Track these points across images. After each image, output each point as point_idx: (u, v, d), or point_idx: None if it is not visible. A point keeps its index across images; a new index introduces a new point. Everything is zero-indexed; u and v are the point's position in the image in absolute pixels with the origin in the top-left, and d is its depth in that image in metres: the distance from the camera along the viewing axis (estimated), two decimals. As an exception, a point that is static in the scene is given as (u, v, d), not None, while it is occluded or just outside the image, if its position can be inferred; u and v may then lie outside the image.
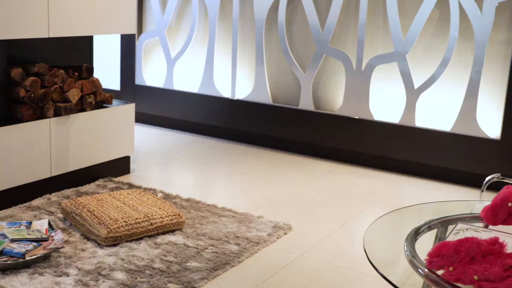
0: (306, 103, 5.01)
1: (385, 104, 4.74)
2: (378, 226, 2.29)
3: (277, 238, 3.33)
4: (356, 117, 4.78)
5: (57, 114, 3.77)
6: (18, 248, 2.86)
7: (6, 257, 2.81)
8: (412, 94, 4.56)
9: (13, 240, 2.93)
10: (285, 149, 5.18)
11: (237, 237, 3.27)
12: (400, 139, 4.61)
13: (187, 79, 5.64)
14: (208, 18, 5.43)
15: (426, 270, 1.82)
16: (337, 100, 4.95)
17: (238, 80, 5.37)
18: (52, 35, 3.67)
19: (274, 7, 5.07)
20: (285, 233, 3.41)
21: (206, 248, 3.11)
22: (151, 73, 5.85)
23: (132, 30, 4.26)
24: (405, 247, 2.03)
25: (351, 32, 4.80)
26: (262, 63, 5.18)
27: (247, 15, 5.24)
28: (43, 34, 3.62)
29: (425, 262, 1.84)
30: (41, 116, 3.70)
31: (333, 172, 4.66)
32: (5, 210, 3.51)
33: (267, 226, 3.45)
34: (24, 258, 2.80)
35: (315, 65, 4.92)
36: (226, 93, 5.43)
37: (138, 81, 5.83)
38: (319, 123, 4.94)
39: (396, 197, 4.15)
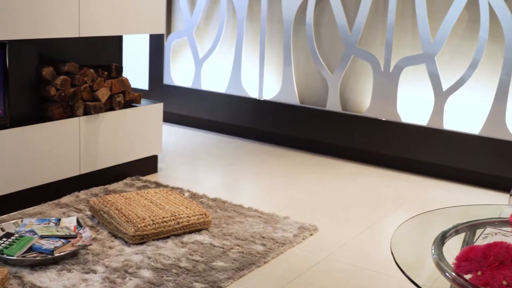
0: (333, 104, 5.00)
1: (413, 106, 4.71)
2: (405, 229, 2.28)
3: (303, 239, 3.33)
4: (383, 119, 4.77)
5: (86, 113, 3.81)
6: (47, 244, 2.90)
7: (35, 253, 2.86)
8: (441, 96, 4.53)
9: (42, 237, 2.98)
10: (312, 150, 5.18)
11: (263, 237, 3.27)
12: (427, 141, 4.59)
13: (215, 79, 5.67)
14: (236, 18, 5.44)
15: (453, 274, 1.81)
16: (364, 102, 4.93)
17: (265, 80, 5.38)
18: (82, 35, 3.71)
19: (302, 8, 5.07)
20: (311, 234, 3.41)
21: (232, 248, 3.12)
22: (179, 73, 5.89)
23: (161, 30, 4.29)
24: (433, 251, 2.02)
25: (379, 34, 4.78)
26: (290, 64, 5.18)
27: (275, 16, 5.25)
28: (74, 34, 3.67)
29: (452, 266, 1.83)
30: (71, 114, 3.75)
31: (360, 174, 4.64)
32: (34, 207, 3.56)
33: (293, 227, 3.46)
34: (52, 254, 2.84)
35: (343, 66, 4.91)
36: (253, 93, 5.44)
37: (166, 81, 5.87)
38: (346, 124, 4.93)
39: (423, 200, 4.13)
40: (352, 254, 3.21)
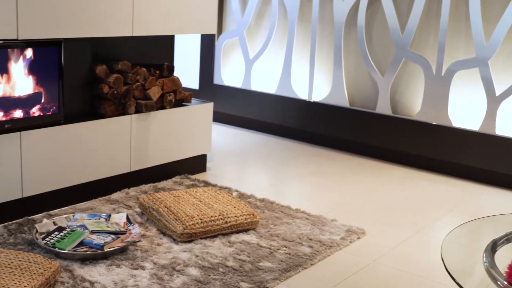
0: (383, 107, 4.96)
1: (464, 110, 4.64)
2: (455, 235, 2.26)
3: (350, 242, 3.32)
4: (434, 123, 4.71)
5: (138, 111, 3.87)
6: (97, 239, 2.95)
7: (86, 247, 2.91)
8: (493, 101, 4.45)
9: (92, 232, 3.03)
10: (361, 153, 5.14)
11: (310, 239, 3.27)
12: (479, 147, 4.51)
13: (265, 80, 5.68)
14: (287, 19, 5.45)
15: (505, 282, 1.78)
16: (415, 105, 4.88)
17: (315, 82, 5.37)
18: (136, 34, 3.77)
19: (354, 10, 5.04)
20: (359, 238, 3.39)
21: (279, 249, 3.13)
22: (230, 73, 5.92)
23: (213, 30, 4.32)
24: (484, 258, 1.99)
25: (431, 36, 4.72)
26: (340, 66, 5.16)
27: (326, 18, 5.23)
28: (127, 33, 3.72)
29: (504, 274, 1.80)
30: (123, 112, 3.80)
31: (408, 178, 4.60)
32: (86, 202, 3.63)
33: (340, 229, 3.44)
34: (102, 249, 2.89)
35: (394, 69, 4.87)
36: (303, 95, 5.44)
37: (216, 81, 5.91)
38: (396, 128, 4.89)
39: (473, 206, 4.06)
40: (399, 259, 3.18)
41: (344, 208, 3.86)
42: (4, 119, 3.23)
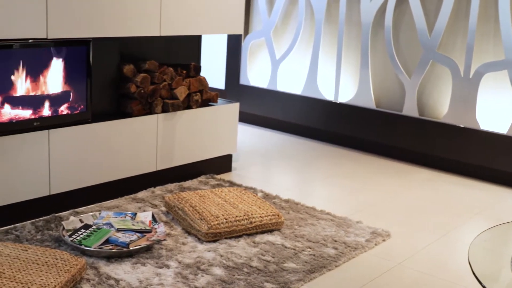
0: (410, 109, 4.93)
1: (492, 113, 4.59)
2: (482, 239, 2.24)
3: (375, 244, 3.30)
4: (461, 126, 4.66)
5: (164, 110, 3.89)
6: (123, 237, 2.97)
7: (112, 245, 2.93)
8: (523, 104, 4.40)
9: (118, 230, 3.05)
10: (386, 154, 5.12)
11: (335, 241, 3.26)
12: (507, 150, 4.46)
13: (291, 81, 5.67)
14: (314, 20, 5.44)
15: (532, 288, 1.77)
16: (442, 107, 4.84)
17: (341, 83, 5.35)
18: (163, 34, 3.79)
19: (381, 11, 5.02)
20: (384, 240, 3.37)
21: (303, 250, 3.12)
22: (256, 73, 5.92)
23: (239, 30, 4.33)
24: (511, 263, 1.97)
25: (459, 38, 4.68)
26: (367, 67, 5.13)
27: (353, 18, 5.21)
28: (155, 33, 3.75)
29: (532, 279, 1.78)
30: (150, 111, 3.83)
31: (434, 180, 4.56)
32: (112, 200, 3.66)
33: (365, 231, 3.43)
34: (128, 247, 2.91)
35: (421, 71, 4.84)
36: (329, 96, 5.42)
37: (242, 81, 5.92)
38: (422, 130, 4.85)
39: (499, 210, 4.02)
40: (425, 262, 3.16)
41: (369, 210, 3.84)
42: (33, 117, 3.26)
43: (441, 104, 4.85)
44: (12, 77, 3.17)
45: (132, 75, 3.75)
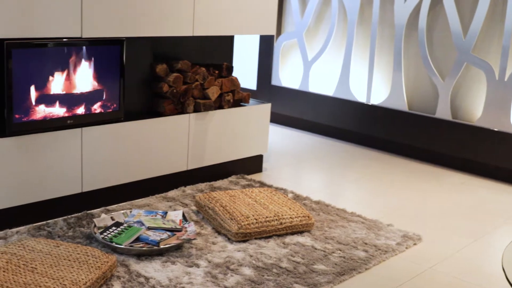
0: (443, 112, 4.88)
1: (528, 117, 4.53)
2: (516, 244, 2.20)
3: (406, 248, 3.27)
4: (495, 129, 4.60)
5: (196, 110, 3.90)
6: (153, 236, 2.99)
7: (142, 243, 2.95)
8: (559, 108, 4.33)
9: (149, 228, 3.07)
10: (418, 157, 5.07)
11: (366, 243, 3.24)
12: (542, 155, 4.39)
13: (323, 82, 5.66)
14: (347, 21, 5.41)
15: None
16: (476, 111, 4.78)
17: (374, 85, 5.32)
18: (196, 34, 3.80)
19: (415, 13, 4.97)
20: (415, 244, 3.34)
21: (333, 252, 3.11)
22: (288, 74, 5.92)
23: (272, 31, 4.33)
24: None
25: (495, 40, 4.61)
26: (400, 69, 5.09)
27: (386, 20, 5.18)
28: (188, 33, 3.76)
29: None
30: (181, 111, 3.84)
31: (467, 184, 4.51)
32: (143, 198, 3.68)
33: (396, 235, 3.40)
34: (158, 246, 2.93)
35: (455, 73, 4.78)
36: (361, 97, 5.39)
37: (274, 82, 5.92)
38: (455, 133, 4.80)
39: (534, 215, 3.96)
40: (457, 266, 3.12)
41: (400, 213, 3.81)
42: (66, 115, 3.30)
43: (475, 107, 4.79)
44: (47, 76, 3.20)
45: (164, 75, 3.77)
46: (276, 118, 5.90)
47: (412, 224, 3.62)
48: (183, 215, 3.28)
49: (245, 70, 5.88)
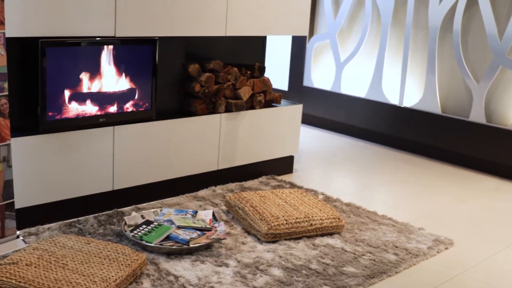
0: (477, 115, 4.81)
1: None
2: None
3: (438, 252, 3.23)
4: (531, 134, 4.53)
5: (228, 110, 3.90)
6: (183, 235, 2.99)
7: (172, 242, 2.96)
8: None
9: (179, 227, 3.08)
10: (451, 161, 5.01)
11: (396, 247, 3.21)
12: None
13: (355, 84, 5.62)
14: (380, 23, 5.37)
15: None
16: (511, 114, 4.71)
17: (407, 87, 5.27)
18: (228, 34, 3.81)
19: (450, 15, 4.91)
20: (446, 248, 3.30)
21: (363, 255, 3.08)
22: (319, 75, 5.89)
23: (304, 32, 4.31)
24: None
25: (532, 44, 4.54)
26: (433, 72, 5.04)
27: (420, 22, 5.12)
28: (221, 33, 3.76)
29: None
30: (213, 111, 3.85)
31: (501, 189, 4.44)
32: (173, 197, 3.69)
33: (427, 238, 3.36)
34: (188, 245, 2.93)
35: (490, 76, 4.71)
36: (393, 99, 5.35)
37: (306, 83, 5.90)
38: (489, 137, 4.73)
39: None
40: (489, 272, 3.07)
41: (432, 217, 3.77)
42: (99, 113, 3.32)
43: (510, 111, 4.71)
44: (80, 74, 3.23)
45: (197, 75, 3.78)
46: (308, 119, 5.88)
47: (444, 228, 3.58)
48: (213, 215, 3.28)
49: (277, 70, 5.87)
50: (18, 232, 2.96)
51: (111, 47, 3.32)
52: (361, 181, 4.50)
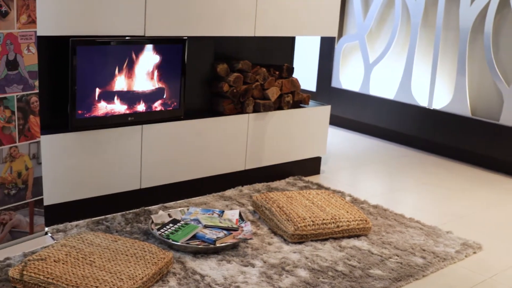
0: (508, 119, 4.75)
1: None
2: None
3: (466, 256, 3.19)
4: (563, 138, 4.46)
5: (255, 110, 3.90)
6: (210, 234, 3.00)
7: (198, 241, 2.96)
8: None
9: (206, 226, 3.08)
10: (481, 164, 4.95)
11: (423, 250, 3.18)
12: None
13: (384, 85, 5.59)
14: (410, 24, 5.33)
15: None
16: (542, 118, 4.65)
17: (436, 89, 5.22)
18: (257, 34, 3.80)
19: (481, 16, 4.86)
20: (474, 252, 3.26)
21: (390, 257, 3.06)
22: (348, 76, 5.87)
23: (334, 33, 4.30)
24: None
25: None
26: (464, 74, 4.98)
27: (451, 24, 5.07)
28: (250, 33, 3.77)
29: None
30: (241, 111, 3.85)
31: (532, 193, 4.39)
32: (200, 197, 3.70)
33: (455, 242, 3.33)
34: (214, 244, 2.93)
35: (522, 79, 4.66)
36: (422, 101, 5.31)
37: (334, 84, 5.88)
38: (520, 140, 4.67)
39: None
40: (518, 277, 3.04)
41: (460, 221, 3.73)
42: (127, 112, 3.34)
43: (542, 115, 4.65)
44: (109, 73, 3.26)
45: (225, 74, 3.78)
46: (335, 121, 5.86)
47: (472, 232, 3.54)
48: (240, 215, 3.29)
49: (305, 71, 5.86)
50: (46, 229, 3.00)
51: (140, 46, 3.34)
52: (389, 183, 4.47)
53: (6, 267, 2.64)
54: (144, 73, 3.39)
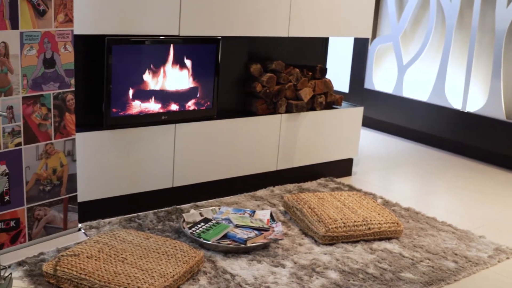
0: (543, 123, 4.69)
1: None
2: None
3: (498, 261, 3.16)
4: None
5: (288, 110, 3.90)
6: (241, 234, 3.01)
7: (229, 240, 2.97)
8: None
9: (237, 226, 3.10)
10: (515, 168, 4.90)
11: (456, 254, 3.15)
12: None
13: (417, 87, 5.54)
14: (445, 26, 5.28)
15: None
16: None
17: (470, 92, 5.16)
18: (291, 35, 3.81)
19: (519, 19, 4.80)
20: (508, 258, 3.22)
21: (421, 261, 3.04)
22: (381, 78, 5.84)
23: (367, 34, 4.28)
24: None
25: None
26: (499, 77, 4.92)
27: (487, 26, 5.02)
28: (283, 33, 3.77)
29: None
30: (274, 111, 3.85)
31: None
32: (231, 196, 3.71)
33: (488, 247, 3.29)
34: (245, 244, 2.94)
35: (559, 83, 4.59)
36: (456, 104, 5.25)
37: (367, 85, 5.85)
38: (556, 145, 4.60)
39: None
40: (552, 284, 2.99)
41: (494, 226, 3.69)
42: (161, 111, 3.37)
43: None
44: (144, 72, 3.28)
45: (258, 75, 3.79)
46: (368, 122, 5.83)
47: (505, 237, 3.50)
48: (271, 215, 3.29)
49: (338, 72, 5.84)
50: (79, 225, 3.04)
51: (175, 45, 3.36)
52: (421, 186, 4.44)
53: (40, 262, 2.69)
54: (177, 72, 3.42)
